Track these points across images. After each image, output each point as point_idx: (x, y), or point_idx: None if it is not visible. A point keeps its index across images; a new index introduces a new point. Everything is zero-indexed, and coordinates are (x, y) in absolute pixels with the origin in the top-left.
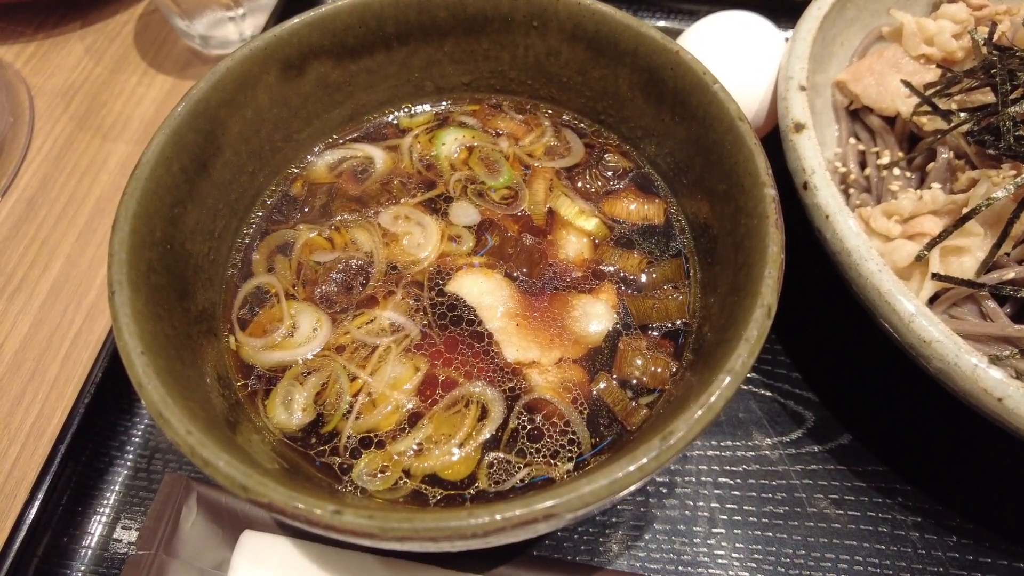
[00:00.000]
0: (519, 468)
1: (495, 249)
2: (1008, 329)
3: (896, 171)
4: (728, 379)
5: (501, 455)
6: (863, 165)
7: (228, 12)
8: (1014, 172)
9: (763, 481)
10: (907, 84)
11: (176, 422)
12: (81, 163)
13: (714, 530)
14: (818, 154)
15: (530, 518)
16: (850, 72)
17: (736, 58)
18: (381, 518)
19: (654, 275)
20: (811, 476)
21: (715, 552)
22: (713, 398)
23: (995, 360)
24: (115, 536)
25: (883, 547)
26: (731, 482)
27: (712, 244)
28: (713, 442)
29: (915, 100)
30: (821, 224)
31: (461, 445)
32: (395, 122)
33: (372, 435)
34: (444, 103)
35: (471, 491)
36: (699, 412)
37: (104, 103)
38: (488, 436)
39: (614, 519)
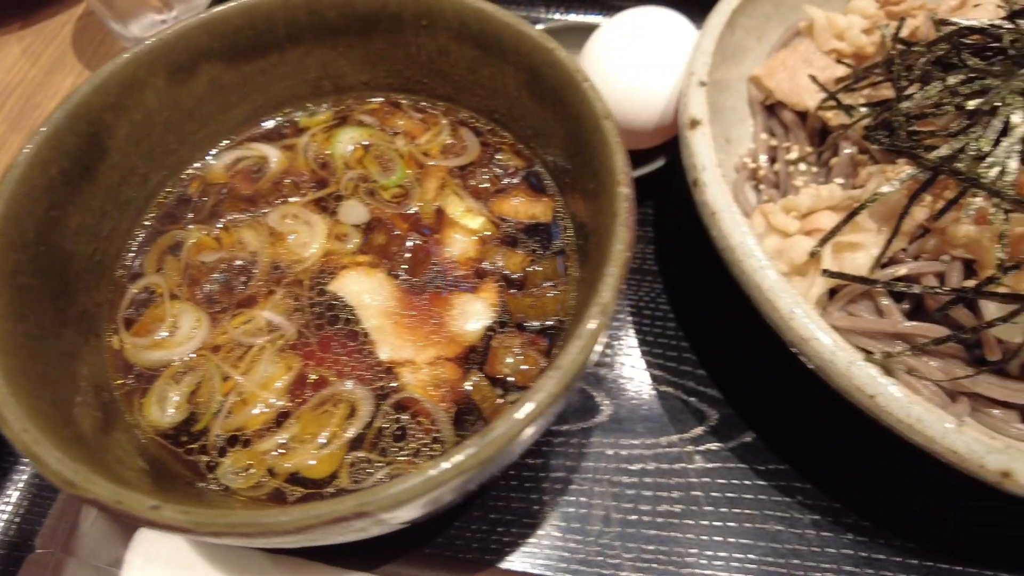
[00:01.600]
0: (380, 467)
1: (380, 248)
2: (900, 326)
3: (803, 166)
4: (555, 378)
5: (364, 454)
6: (775, 160)
7: (160, 15)
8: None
9: (661, 480)
10: (813, 79)
11: (13, 419)
12: None
13: (608, 529)
14: (710, 151)
15: (340, 516)
16: (764, 67)
17: (649, 54)
18: (196, 514)
19: (535, 273)
20: (710, 475)
21: (607, 551)
22: (539, 395)
23: (886, 357)
24: (17, 535)
25: (778, 546)
26: (628, 480)
27: (586, 242)
28: (612, 439)
29: (824, 95)
30: (708, 221)
31: (326, 444)
32: (295, 121)
33: (240, 434)
34: (344, 102)
35: (331, 489)
36: (522, 410)
37: (38, 104)
38: (353, 435)
39: (507, 516)
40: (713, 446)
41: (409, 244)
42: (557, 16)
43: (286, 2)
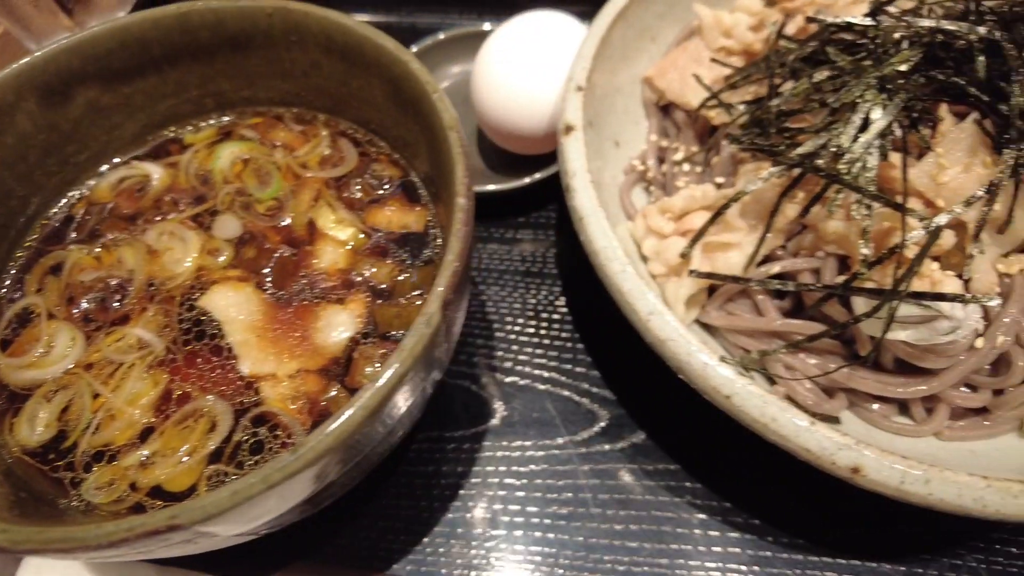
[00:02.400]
0: (235, 480)
1: (250, 261)
2: (775, 324)
3: (687, 167)
4: (370, 391)
5: (222, 467)
6: (664, 161)
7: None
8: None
9: (550, 481)
10: (697, 78)
11: None
12: None
13: (494, 532)
14: (581, 157)
15: (153, 529)
16: (656, 68)
17: (539, 59)
18: (12, 532)
19: (403, 283)
20: (599, 476)
21: (492, 555)
22: (351, 410)
23: (762, 355)
24: None
25: (664, 546)
26: (516, 483)
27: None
28: (503, 442)
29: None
30: (577, 226)
31: (186, 458)
32: (180, 139)
33: (106, 449)
34: (227, 118)
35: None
36: (333, 425)
37: None
38: (212, 449)
39: (396, 524)
40: (604, 447)
41: (278, 256)
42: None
43: (156, 23)
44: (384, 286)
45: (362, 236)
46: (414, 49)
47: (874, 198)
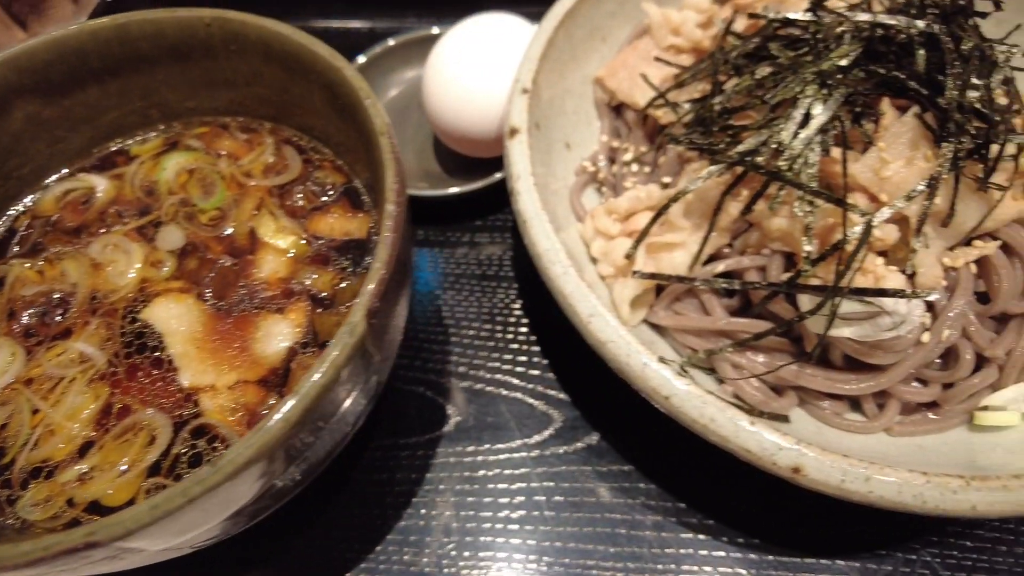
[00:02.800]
0: (155, 495)
1: (192, 272)
2: (720, 323)
3: (636, 167)
4: (290, 403)
5: (161, 480)
6: (614, 162)
7: None
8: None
9: (503, 486)
10: (644, 77)
11: None
12: None
13: (447, 539)
14: (525, 160)
15: (71, 547)
16: (607, 68)
17: (488, 61)
18: None
19: (344, 291)
20: (553, 479)
21: (443, 562)
22: (271, 423)
23: (709, 354)
24: None
25: (618, 549)
26: (470, 488)
27: None
28: (457, 448)
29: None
30: (521, 229)
31: (125, 472)
32: (127, 150)
33: (44, 465)
34: (174, 128)
35: None
36: (252, 439)
37: None
38: (151, 462)
39: (350, 533)
40: (559, 450)
41: (219, 267)
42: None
43: (94, 35)
44: (325, 294)
45: (304, 244)
46: (362, 59)
47: (815, 194)
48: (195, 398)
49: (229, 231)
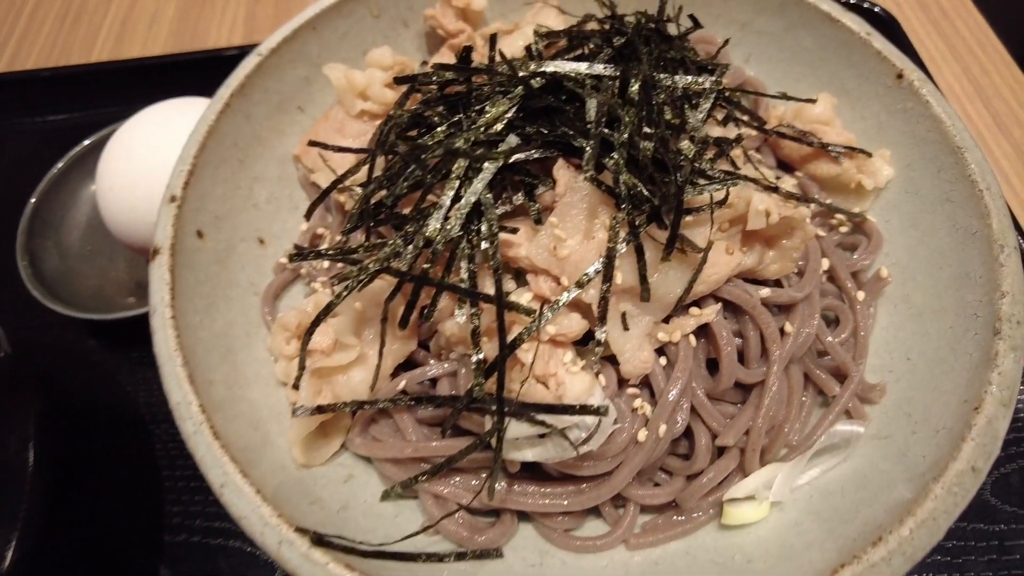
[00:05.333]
0: None
1: None
2: (406, 451)
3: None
4: None
5: None
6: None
7: None
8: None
9: None
10: (321, 156)
11: None
12: None
13: None
14: (162, 288)
15: None
16: (301, 143)
17: (165, 155)
18: None
19: None
20: None
21: None
22: None
23: (405, 486)
24: None
25: None
26: None
27: None
28: None
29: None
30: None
31: None
32: None
33: None
34: None
35: None
36: None
37: None
38: None
39: None
40: None
41: None
42: None
43: None
44: None
45: None
46: (59, 164)
47: (466, 294)
48: None
49: None
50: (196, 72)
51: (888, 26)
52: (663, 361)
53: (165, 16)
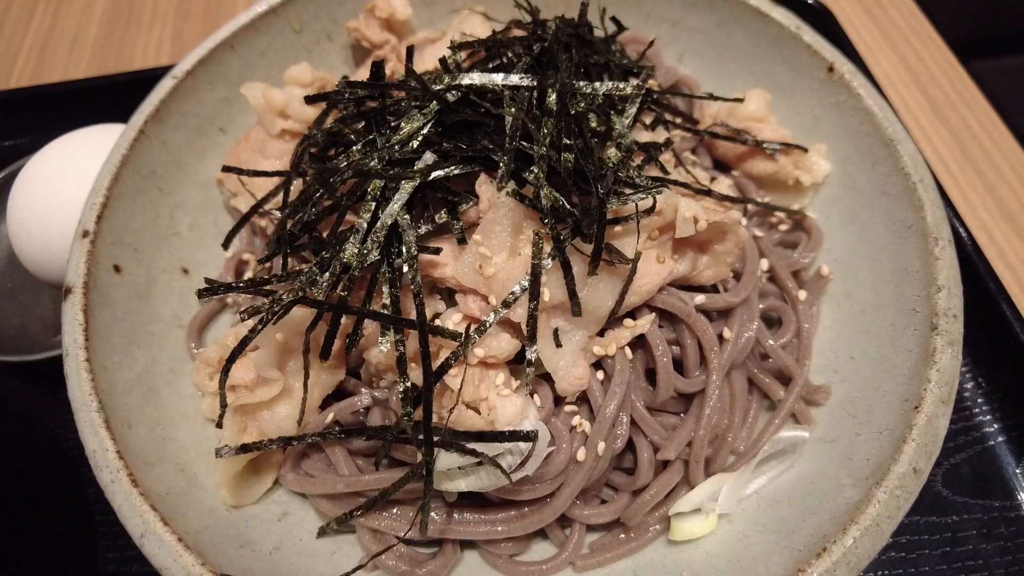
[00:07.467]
0: None
1: None
2: (337, 486)
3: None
4: None
5: None
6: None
7: None
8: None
9: None
10: (240, 179)
11: None
12: None
13: None
14: (75, 330)
15: None
16: (223, 166)
17: (77, 190)
18: None
19: None
20: None
21: None
22: None
23: (340, 522)
24: None
25: None
26: None
27: None
28: None
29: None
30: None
31: None
32: None
33: None
34: None
35: None
36: None
37: None
38: None
39: None
40: None
41: None
42: None
43: None
44: None
45: None
46: None
47: (387, 320)
48: None
49: None
50: (121, 95)
51: (822, 18)
52: (600, 376)
53: (88, 37)
